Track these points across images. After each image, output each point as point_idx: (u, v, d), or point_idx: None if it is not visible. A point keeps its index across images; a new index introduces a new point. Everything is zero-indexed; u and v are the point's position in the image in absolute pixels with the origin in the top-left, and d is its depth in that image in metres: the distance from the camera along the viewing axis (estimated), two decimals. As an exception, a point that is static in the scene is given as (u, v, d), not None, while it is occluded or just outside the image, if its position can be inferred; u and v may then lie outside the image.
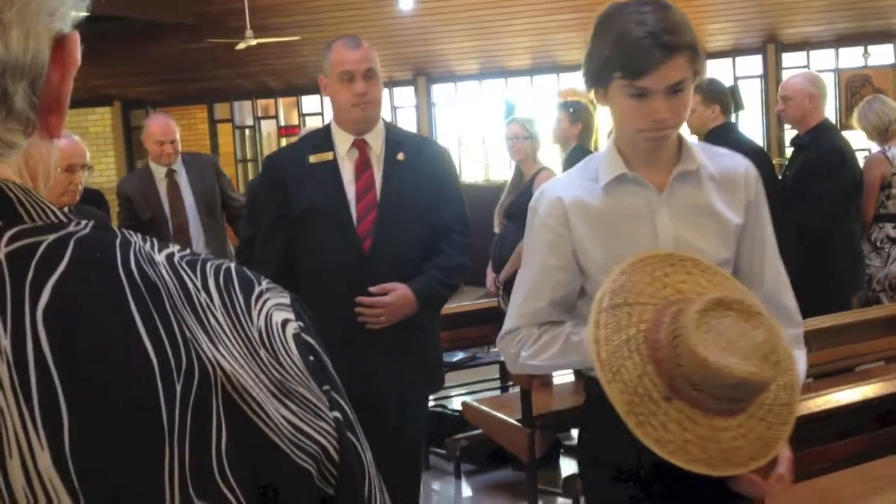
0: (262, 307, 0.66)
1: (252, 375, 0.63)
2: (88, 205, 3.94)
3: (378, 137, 2.80)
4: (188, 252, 0.68)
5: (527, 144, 4.65)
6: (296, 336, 0.67)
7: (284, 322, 0.67)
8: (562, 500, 4.13)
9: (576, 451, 4.41)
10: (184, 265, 0.65)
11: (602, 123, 4.94)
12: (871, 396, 2.94)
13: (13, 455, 0.55)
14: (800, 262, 3.78)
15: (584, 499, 2.14)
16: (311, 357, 0.67)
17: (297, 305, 0.69)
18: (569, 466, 4.39)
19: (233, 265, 0.68)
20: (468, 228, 2.88)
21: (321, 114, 10.88)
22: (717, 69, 9.11)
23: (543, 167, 4.64)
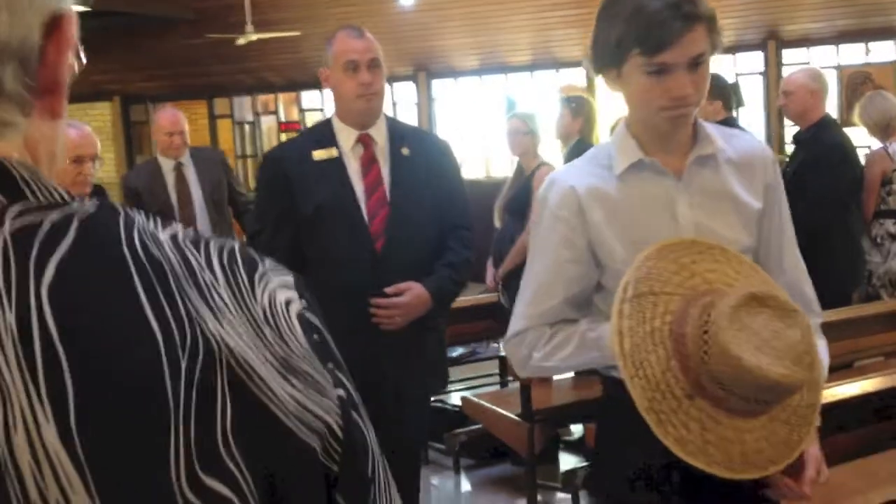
0: (266, 286, 0.66)
1: (257, 353, 0.63)
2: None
3: (381, 131, 2.74)
4: (192, 231, 0.68)
5: (527, 139, 4.66)
6: (300, 315, 0.67)
7: (288, 301, 0.67)
8: (561, 495, 4.12)
9: (575, 447, 4.45)
10: (188, 244, 0.65)
11: (602, 119, 4.95)
12: (871, 391, 2.95)
13: (18, 430, 0.55)
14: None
15: (596, 501, 2.06)
16: (315, 335, 0.67)
17: (300, 285, 0.69)
18: (568, 461, 4.39)
19: (236, 244, 0.68)
20: (471, 221, 2.85)
21: (321, 109, 10.88)
22: (718, 66, 9.09)
23: (543, 162, 4.65)
